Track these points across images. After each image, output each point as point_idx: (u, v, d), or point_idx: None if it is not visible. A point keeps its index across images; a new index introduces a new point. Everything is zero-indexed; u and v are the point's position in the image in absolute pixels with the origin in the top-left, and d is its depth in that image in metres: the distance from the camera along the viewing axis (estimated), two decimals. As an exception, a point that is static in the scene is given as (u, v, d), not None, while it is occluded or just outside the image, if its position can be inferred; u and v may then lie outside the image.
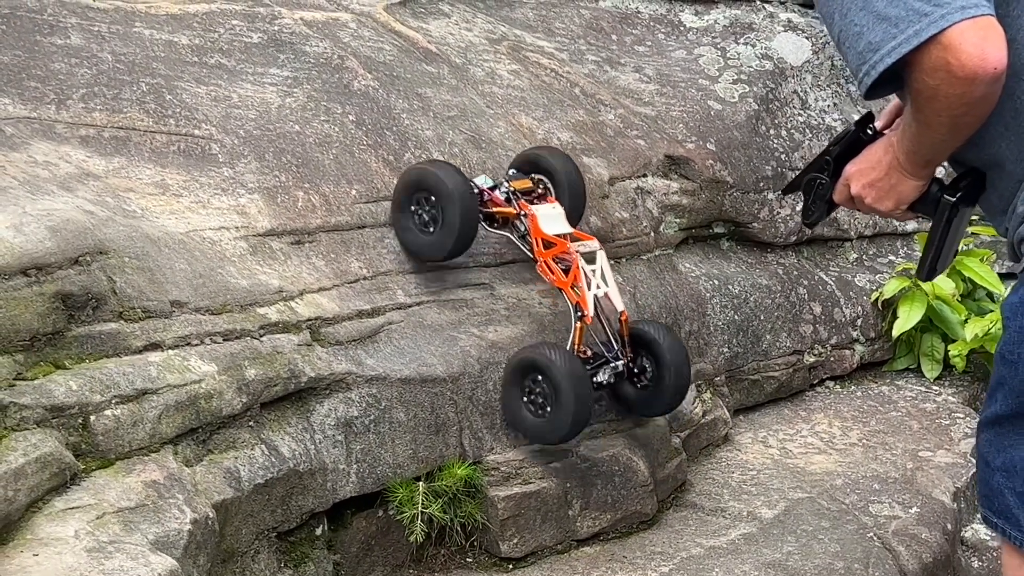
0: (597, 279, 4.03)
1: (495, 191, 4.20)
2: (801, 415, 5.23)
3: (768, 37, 5.86)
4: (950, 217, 2.75)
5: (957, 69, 2.34)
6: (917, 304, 5.42)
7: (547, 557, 4.00)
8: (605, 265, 4.07)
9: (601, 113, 5.17)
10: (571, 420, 3.86)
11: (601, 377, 4.05)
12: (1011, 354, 2.57)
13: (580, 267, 3.99)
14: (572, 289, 4.01)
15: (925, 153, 2.65)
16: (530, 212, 4.11)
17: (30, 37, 4.01)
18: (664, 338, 4.14)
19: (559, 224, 4.14)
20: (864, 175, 2.82)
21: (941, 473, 4.63)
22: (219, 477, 3.22)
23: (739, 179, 5.23)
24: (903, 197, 2.78)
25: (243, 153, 4.03)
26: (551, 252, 4.07)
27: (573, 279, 4.00)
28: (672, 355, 4.11)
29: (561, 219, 4.16)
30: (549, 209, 4.15)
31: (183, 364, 3.26)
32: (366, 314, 3.86)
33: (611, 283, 4.06)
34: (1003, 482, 2.68)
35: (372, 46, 4.82)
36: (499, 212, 4.19)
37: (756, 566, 3.91)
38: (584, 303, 3.97)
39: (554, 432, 3.92)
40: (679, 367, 4.13)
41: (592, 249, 4.08)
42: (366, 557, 3.78)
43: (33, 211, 3.20)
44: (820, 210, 3.01)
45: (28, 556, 2.60)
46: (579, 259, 4.01)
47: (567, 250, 4.03)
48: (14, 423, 2.83)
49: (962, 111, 2.43)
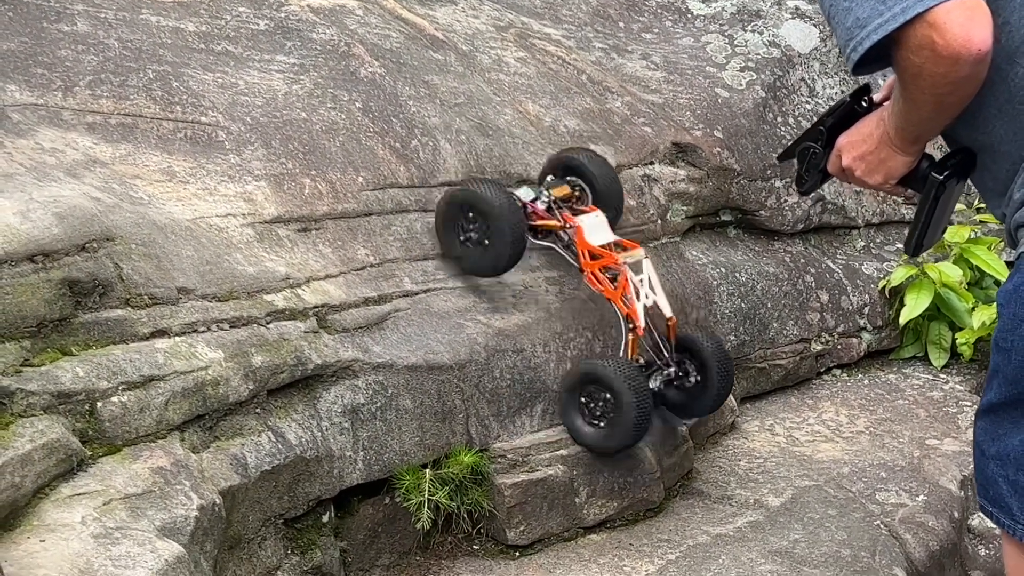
0: (645, 288, 4.05)
1: (536, 202, 4.21)
2: (808, 403, 5.22)
3: (776, 24, 5.85)
4: (938, 194, 2.76)
5: (942, 48, 2.34)
6: (924, 292, 5.41)
7: (553, 544, 4.00)
8: (652, 273, 4.10)
9: (608, 100, 5.16)
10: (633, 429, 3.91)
11: (653, 384, 4.08)
12: (1005, 342, 2.57)
13: (629, 279, 4.02)
14: (622, 300, 4.03)
15: (913, 130, 2.66)
16: (575, 224, 4.13)
17: (37, 24, 4.01)
18: (709, 342, 4.19)
19: (604, 234, 4.16)
20: (855, 147, 2.83)
21: (948, 461, 4.62)
22: (226, 464, 3.22)
23: (746, 167, 5.22)
24: (892, 172, 2.79)
25: (250, 140, 4.03)
26: (598, 263, 4.09)
27: (622, 291, 4.03)
28: (717, 359, 4.15)
29: (605, 228, 4.18)
30: (592, 219, 4.17)
31: (190, 351, 3.26)
32: (373, 301, 3.86)
33: (659, 291, 4.09)
34: (997, 470, 2.68)
35: (379, 33, 4.82)
36: (543, 225, 4.21)
37: (763, 554, 3.91)
38: (635, 315, 4.00)
39: (616, 441, 3.96)
40: (724, 370, 4.17)
41: (638, 258, 4.10)
42: (373, 544, 3.78)
43: (40, 198, 3.20)
44: (813, 179, 3.03)
45: (35, 542, 2.61)
46: (627, 271, 4.03)
47: (615, 261, 4.06)
48: (21, 409, 2.83)
49: (947, 90, 2.44)
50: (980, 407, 2.72)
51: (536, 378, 4.10)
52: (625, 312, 4.04)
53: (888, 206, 5.88)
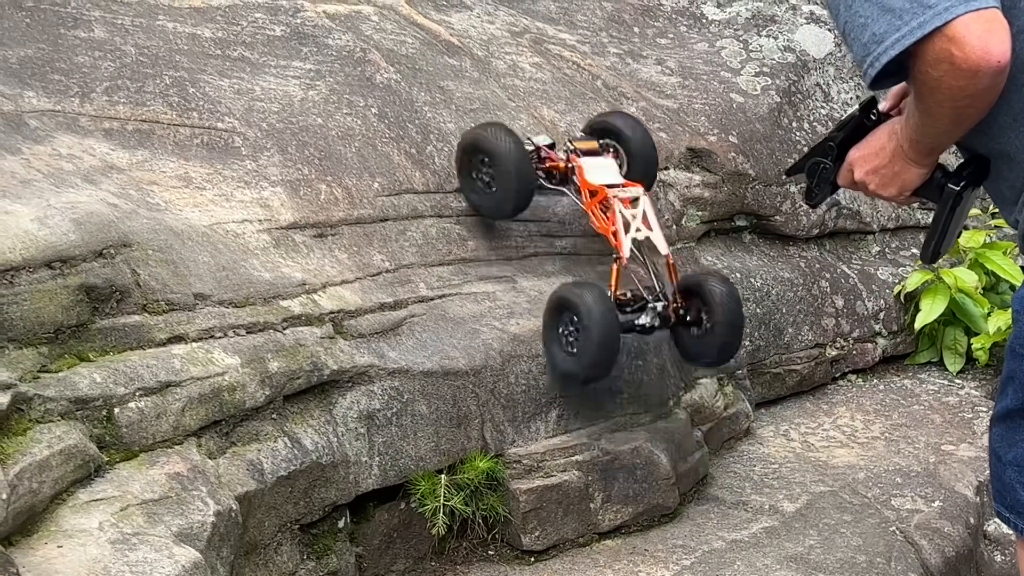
0: (638, 223, 4.02)
1: (553, 148, 4.27)
2: (823, 408, 5.22)
3: (790, 29, 5.85)
4: (954, 204, 2.75)
5: (961, 61, 2.33)
6: (940, 297, 5.40)
7: (569, 550, 3.99)
8: (649, 209, 4.06)
9: (623, 106, 5.16)
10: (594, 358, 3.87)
11: (644, 320, 4.03)
12: (1021, 347, 2.57)
13: (617, 210, 4.01)
14: (612, 235, 4.02)
15: (928, 142, 2.65)
16: (577, 163, 4.17)
17: (54, 30, 4.02)
18: (714, 284, 4.09)
19: (607, 175, 4.17)
20: (868, 161, 2.82)
21: (964, 467, 4.62)
22: (242, 469, 3.23)
23: (761, 172, 5.22)
24: (906, 184, 2.79)
25: (266, 146, 4.04)
26: (595, 200, 4.11)
27: (611, 223, 4.02)
28: (722, 300, 4.04)
29: (610, 170, 4.20)
30: (599, 161, 4.20)
31: (207, 357, 3.27)
32: (388, 307, 3.86)
33: (655, 227, 4.04)
34: (1015, 477, 2.67)
35: (394, 39, 4.82)
36: (551, 166, 4.26)
37: (778, 560, 3.91)
38: (619, 245, 3.98)
39: (580, 370, 3.93)
40: (731, 313, 4.06)
41: (633, 195, 4.07)
42: (388, 549, 3.79)
43: (57, 204, 3.21)
44: (823, 193, 3.03)
45: (52, 548, 2.62)
46: (616, 203, 4.02)
47: (606, 196, 4.06)
48: (39, 415, 2.84)
49: (965, 103, 2.43)
50: (995, 413, 2.72)
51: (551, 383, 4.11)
52: (613, 244, 4.01)
53: (903, 211, 5.87)
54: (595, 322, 3.83)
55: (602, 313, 3.85)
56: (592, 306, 3.84)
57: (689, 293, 4.11)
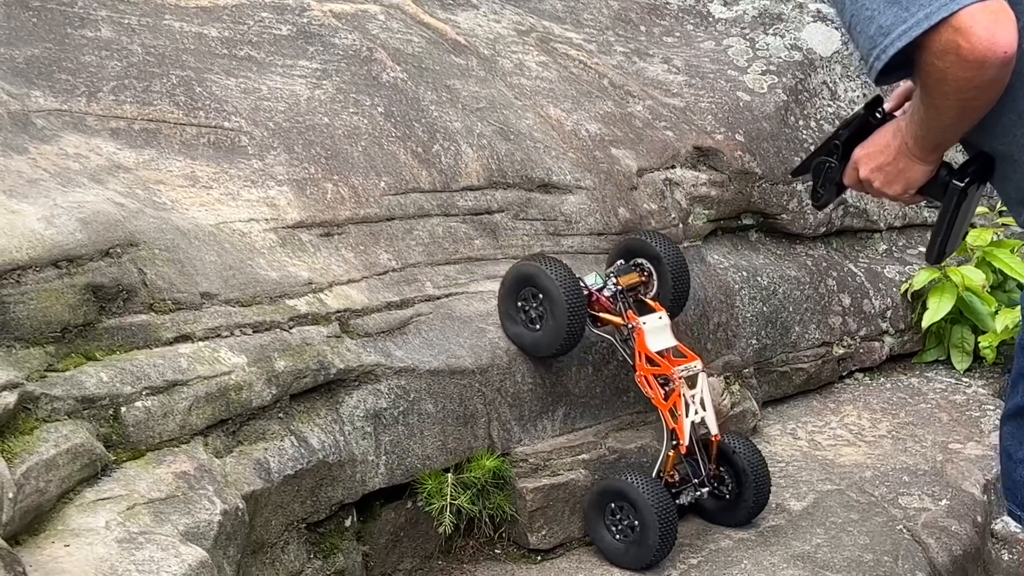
0: (696, 404, 3.95)
1: (603, 291, 4.08)
2: (830, 407, 5.22)
3: (797, 28, 5.84)
4: (959, 202, 2.75)
5: (967, 52, 2.33)
6: (947, 295, 5.39)
7: (575, 549, 4.00)
8: (706, 389, 3.98)
9: (629, 104, 5.16)
10: (656, 549, 3.81)
11: (683, 500, 4.00)
12: None
13: (681, 394, 3.91)
14: (670, 414, 3.93)
15: (933, 138, 2.65)
16: (637, 326, 3.99)
17: (60, 29, 4.03)
18: (745, 451, 4.08)
19: (665, 338, 4.03)
20: (872, 159, 2.82)
21: (971, 465, 4.61)
22: (249, 468, 3.23)
23: (768, 170, 5.21)
24: (911, 181, 2.78)
25: (272, 145, 4.04)
26: (654, 371, 3.97)
27: (672, 404, 3.92)
28: (754, 471, 4.06)
29: (666, 331, 4.04)
30: (656, 321, 4.03)
31: (213, 356, 3.28)
32: (395, 306, 3.86)
33: (709, 408, 3.97)
34: None
35: (401, 38, 4.82)
36: (606, 319, 4.08)
37: (785, 558, 3.91)
38: (681, 432, 3.90)
39: (638, 560, 3.86)
40: (760, 482, 4.08)
41: (694, 372, 3.98)
42: (395, 548, 3.79)
43: (64, 203, 3.21)
44: (829, 193, 3.02)
45: (59, 547, 2.62)
46: (682, 385, 3.92)
47: (670, 373, 3.93)
48: (45, 414, 2.84)
49: (971, 95, 2.43)
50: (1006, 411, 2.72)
51: (558, 382, 4.10)
52: (672, 427, 3.93)
53: (911, 209, 5.87)
54: (656, 524, 3.78)
55: (668, 517, 3.81)
56: (654, 509, 3.79)
57: (720, 457, 4.10)
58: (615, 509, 3.88)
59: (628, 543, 3.86)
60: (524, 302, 4.00)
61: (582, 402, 4.17)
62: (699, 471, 4.05)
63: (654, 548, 3.80)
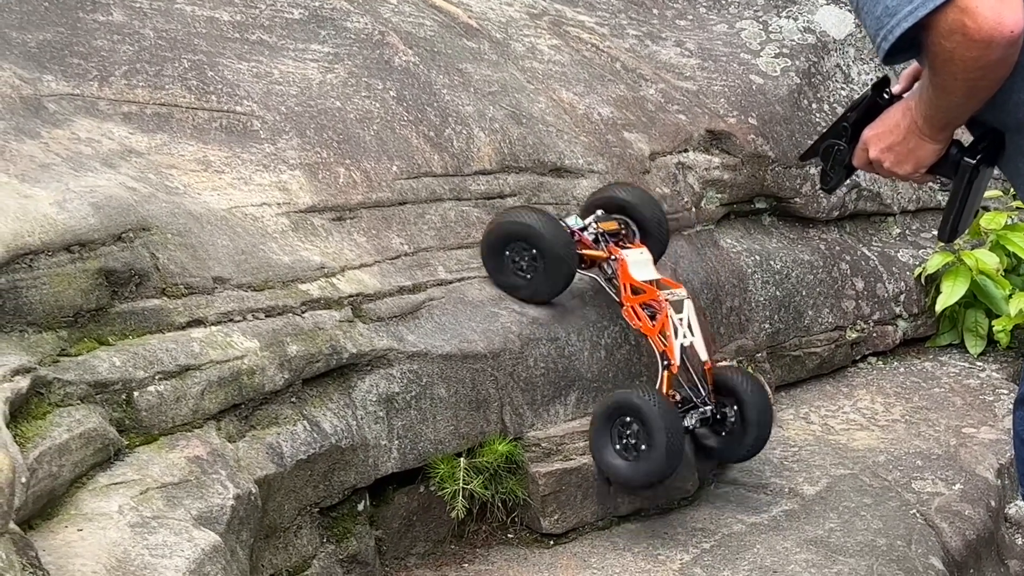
0: (684, 328, 3.98)
1: (584, 232, 4.16)
2: (843, 391, 5.21)
3: (810, 10, 5.82)
4: (971, 179, 2.74)
5: (974, 32, 2.33)
6: (961, 279, 5.38)
7: (588, 533, 4.00)
8: (692, 314, 4.02)
9: (642, 88, 5.15)
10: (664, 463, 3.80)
11: (688, 422, 3.98)
12: None
13: (669, 316, 3.96)
14: (659, 337, 3.96)
15: (943, 117, 2.64)
16: (620, 257, 4.08)
17: (72, 14, 4.02)
18: (748, 385, 4.08)
19: (648, 270, 4.10)
20: (882, 139, 2.82)
21: (985, 449, 4.61)
22: (262, 453, 3.23)
23: (781, 154, 5.20)
24: (922, 160, 2.77)
25: (284, 129, 4.03)
26: (639, 299, 4.03)
27: (661, 327, 3.96)
28: (756, 403, 4.05)
29: (649, 265, 4.12)
30: (638, 255, 4.11)
31: (226, 340, 3.27)
32: (407, 290, 3.86)
33: (697, 333, 4.01)
34: None
35: (413, 21, 4.81)
36: (589, 255, 4.16)
37: (798, 543, 3.91)
38: (671, 352, 3.93)
39: (647, 475, 3.85)
40: (762, 414, 4.08)
41: (680, 297, 4.03)
42: (408, 533, 3.79)
43: (76, 188, 3.21)
44: (839, 175, 3.01)
45: (73, 531, 2.62)
46: (668, 308, 3.97)
47: (656, 298, 3.99)
48: (58, 399, 2.84)
49: (978, 74, 2.42)
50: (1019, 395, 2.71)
51: (570, 366, 4.10)
52: (661, 349, 3.95)
53: (924, 192, 5.85)
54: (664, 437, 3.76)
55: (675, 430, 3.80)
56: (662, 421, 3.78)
57: (719, 391, 4.10)
58: (624, 424, 3.86)
59: (635, 459, 3.85)
60: (513, 254, 4.06)
61: (595, 386, 4.17)
62: (699, 392, 4.06)
63: (661, 462, 3.78)
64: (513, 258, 4.07)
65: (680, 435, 3.82)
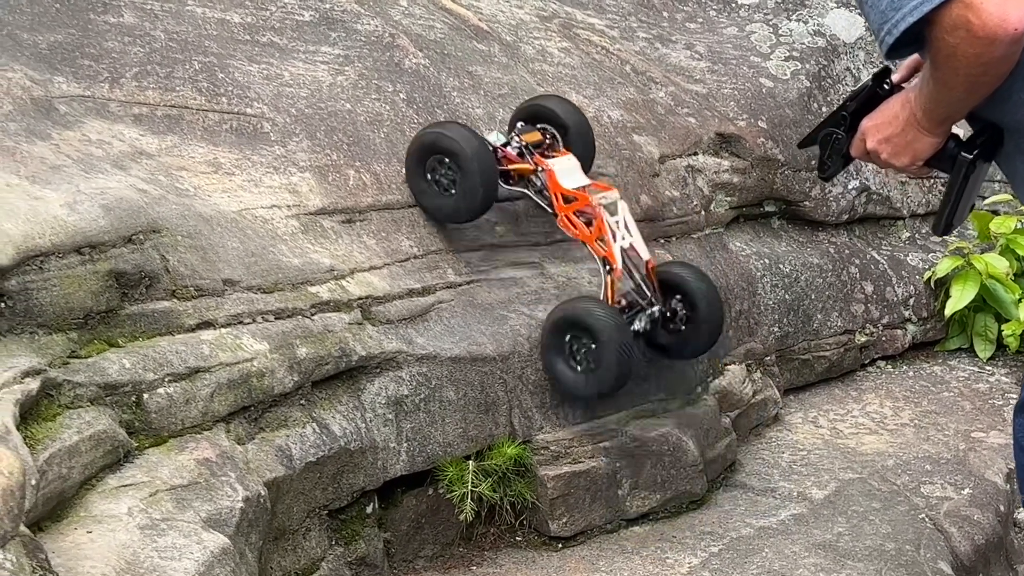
0: (621, 230, 3.96)
1: (507, 147, 4.13)
2: (852, 395, 5.20)
3: (820, 13, 5.82)
4: (967, 174, 2.74)
5: (977, 28, 2.33)
6: (970, 283, 5.37)
7: (596, 536, 4.00)
8: (627, 215, 4.00)
9: (652, 91, 5.15)
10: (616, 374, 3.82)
11: (637, 325, 3.98)
12: None
13: (604, 220, 3.94)
14: (598, 243, 3.95)
15: (942, 111, 2.64)
16: (547, 167, 4.05)
17: (83, 15, 4.03)
18: (693, 278, 4.07)
19: (577, 177, 4.07)
20: (880, 130, 2.81)
21: (994, 454, 4.60)
22: (271, 455, 3.24)
23: (790, 157, 5.20)
24: (919, 153, 2.77)
25: (295, 131, 4.04)
26: (572, 207, 4.01)
27: (598, 232, 3.95)
28: (703, 294, 4.04)
29: (578, 171, 4.10)
30: (565, 162, 4.09)
31: (235, 342, 3.28)
32: (416, 293, 3.86)
33: (635, 232, 4.00)
34: None
35: (423, 24, 4.82)
36: (515, 169, 4.12)
37: (806, 547, 3.90)
38: (612, 257, 3.92)
39: (599, 386, 3.88)
40: (711, 305, 4.06)
41: (613, 200, 4.01)
42: (416, 535, 3.79)
43: (87, 189, 3.21)
44: (836, 164, 3.01)
45: (82, 533, 2.63)
46: (602, 212, 3.95)
47: (589, 203, 3.98)
48: (68, 401, 2.85)
49: (980, 71, 2.42)
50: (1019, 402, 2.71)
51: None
52: (602, 254, 3.94)
53: (934, 196, 5.84)
54: (611, 338, 3.78)
55: (624, 339, 3.81)
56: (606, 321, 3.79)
57: (666, 289, 4.09)
58: (574, 338, 3.86)
59: (586, 372, 3.86)
60: (433, 172, 4.01)
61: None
62: (644, 295, 4.05)
63: (612, 373, 3.80)
64: (435, 177, 4.02)
65: (630, 346, 3.82)
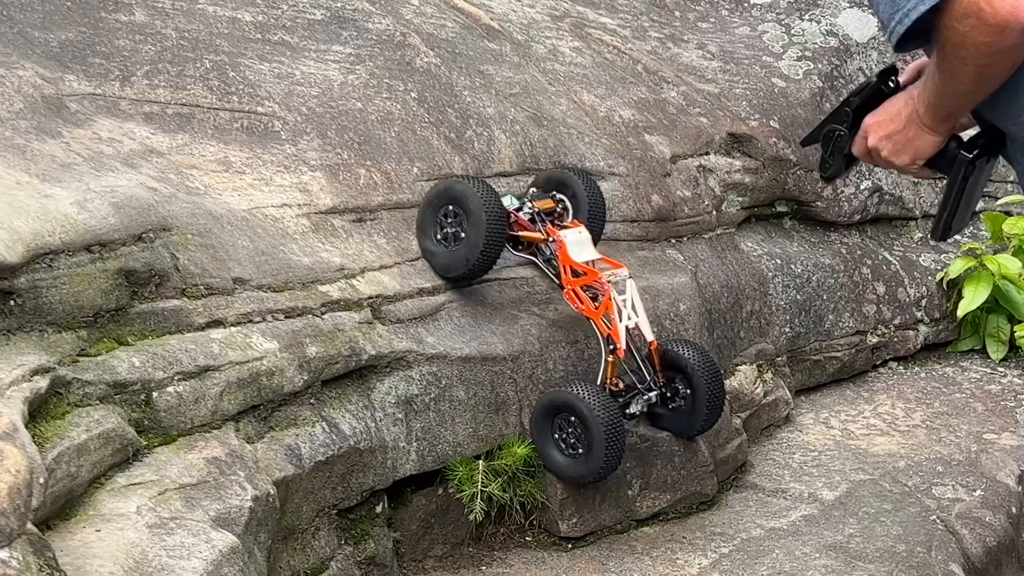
0: (628, 309, 3.90)
1: (520, 212, 4.07)
2: (864, 396, 5.19)
3: (833, 13, 5.80)
4: (967, 175, 2.71)
5: (989, 16, 2.31)
6: (983, 284, 5.36)
7: (606, 537, 3.99)
8: (635, 294, 3.94)
9: (664, 90, 5.13)
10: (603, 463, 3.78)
11: (634, 408, 3.96)
12: None
13: (612, 298, 3.88)
14: (603, 320, 3.90)
15: (947, 106, 2.61)
16: (558, 239, 3.98)
17: (95, 13, 4.03)
18: (695, 358, 4.01)
19: (587, 250, 4.00)
20: (882, 127, 2.79)
21: (1006, 455, 4.58)
22: (280, 454, 3.23)
23: (802, 157, 5.18)
24: (920, 152, 2.74)
25: (306, 130, 4.03)
26: (580, 280, 3.94)
27: (604, 310, 3.89)
28: (705, 376, 3.98)
29: (588, 245, 4.02)
30: (576, 235, 4.01)
31: (245, 341, 3.27)
32: (427, 292, 3.86)
33: (641, 313, 3.94)
34: None
35: (434, 23, 4.81)
36: (526, 236, 4.07)
37: (817, 548, 3.89)
38: (616, 336, 3.86)
39: (588, 474, 3.83)
40: (713, 387, 4.01)
41: (622, 277, 3.94)
42: (426, 535, 3.79)
43: (97, 188, 3.21)
44: (838, 163, 2.97)
45: (91, 532, 2.62)
46: (611, 289, 3.89)
47: (598, 279, 3.91)
48: (77, 399, 2.85)
49: (989, 61, 2.40)
50: None
51: (590, 370, 4.08)
52: (606, 333, 3.89)
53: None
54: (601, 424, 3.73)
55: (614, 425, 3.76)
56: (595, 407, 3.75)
57: (669, 367, 4.05)
58: (562, 423, 3.83)
59: (577, 456, 3.82)
60: (444, 218, 3.92)
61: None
62: (644, 378, 4.00)
63: (601, 460, 3.76)
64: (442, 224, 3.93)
65: (621, 432, 3.79)
